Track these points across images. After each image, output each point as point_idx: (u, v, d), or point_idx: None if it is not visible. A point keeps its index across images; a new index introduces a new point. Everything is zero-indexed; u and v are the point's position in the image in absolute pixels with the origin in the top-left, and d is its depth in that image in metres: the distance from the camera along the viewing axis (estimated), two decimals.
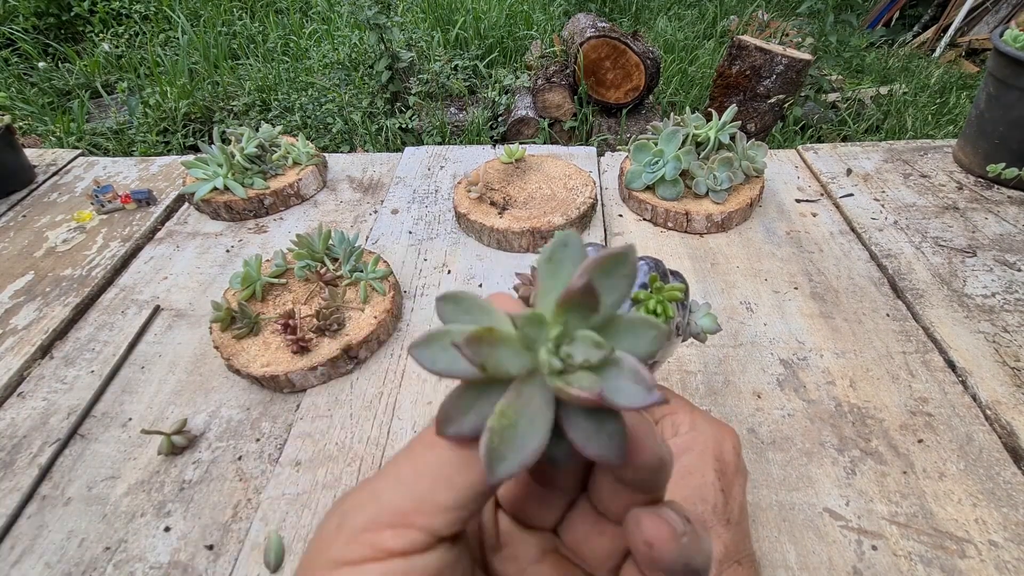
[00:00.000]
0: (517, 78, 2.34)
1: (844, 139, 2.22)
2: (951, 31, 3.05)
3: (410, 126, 2.17)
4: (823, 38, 2.19)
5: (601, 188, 0.84)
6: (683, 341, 0.38)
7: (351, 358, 0.57)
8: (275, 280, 0.63)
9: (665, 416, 0.36)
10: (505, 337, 0.15)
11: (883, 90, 2.44)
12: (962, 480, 0.46)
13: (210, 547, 0.44)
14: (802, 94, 2.13)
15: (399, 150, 1.04)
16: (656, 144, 0.76)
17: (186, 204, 0.85)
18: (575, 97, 2.21)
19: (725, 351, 0.58)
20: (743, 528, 0.32)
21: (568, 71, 2.22)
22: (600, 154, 0.92)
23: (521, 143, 1.64)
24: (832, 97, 2.35)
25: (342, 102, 2.28)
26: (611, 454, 0.15)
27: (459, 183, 0.79)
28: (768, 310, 0.63)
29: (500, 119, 2.24)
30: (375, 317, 0.59)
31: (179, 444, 0.50)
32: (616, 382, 0.14)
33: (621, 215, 0.79)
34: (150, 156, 0.97)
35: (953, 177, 0.83)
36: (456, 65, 2.52)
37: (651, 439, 0.16)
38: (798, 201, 0.80)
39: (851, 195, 0.80)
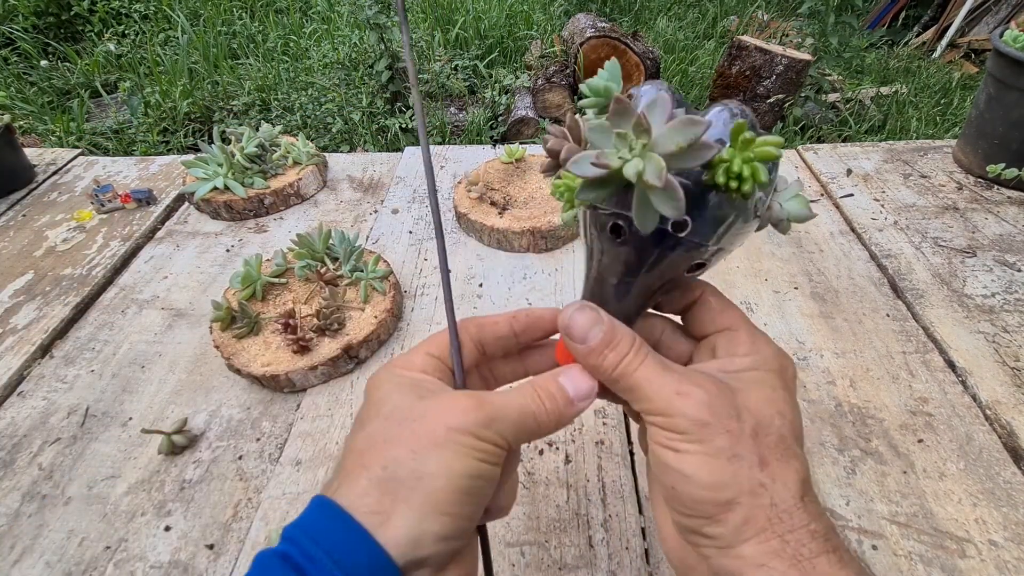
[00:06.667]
0: (517, 78, 2.34)
1: (845, 140, 2.22)
2: (951, 32, 3.05)
3: (410, 126, 2.17)
4: (823, 39, 2.19)
5: None
6: (759, 228, 0.29)
7: (351, 358, 0.57)
8: (275, 280, 0.63)
9: (722, 332, 0.31)
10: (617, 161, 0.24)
11: (884, 90, 2.44)
12: (962, 480, 0.46)
13: (210, 546, 0.44)
14: (802, 94, 2.13)
15: (399, 150, 1.04)
16: None
17: (186, 204, 0.85)
18: (575, 97, 2.21)
19: None
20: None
21: (568, 71, 2.22)
22: None
23: (521, 143, 1.64)
24: (832, 97, 2.35)
25: (342, 102, 2.28)
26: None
27: (459, 183, 0.79)
28: (768, 310, 0.63)
29: (500, 119, 2.24)
30: (375, 317, 0.59)
31: (179, 444, 0.50)
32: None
33: None
34: (150, 156, 0.97)
35: (953, 177, 0.83)
36: (456, 65, 2.52)
37: None
38: None
39: (851, 195, 0.80)
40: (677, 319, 0.33)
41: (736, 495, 0.25)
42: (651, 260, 0.27)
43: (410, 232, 0.77)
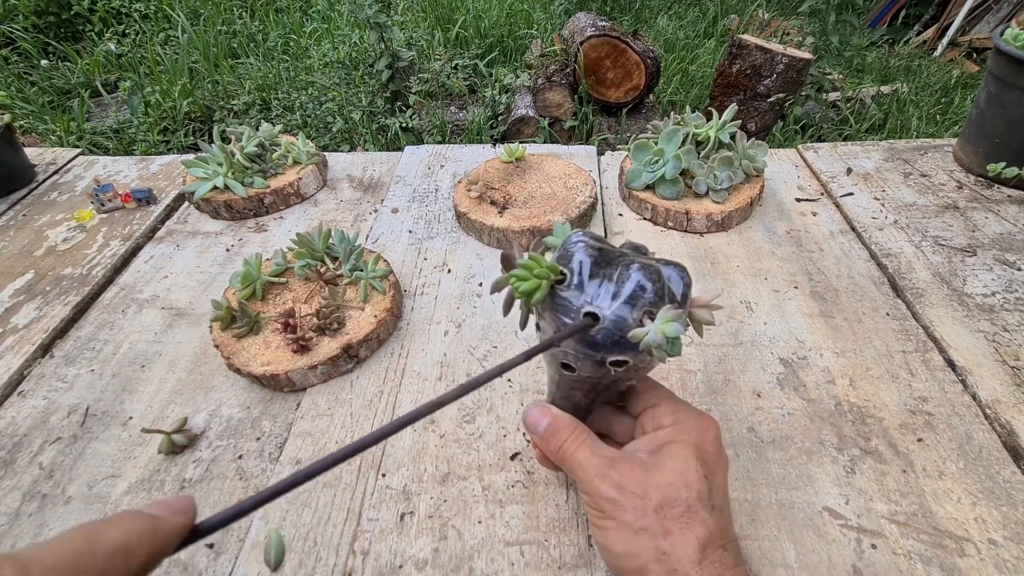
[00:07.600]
0: (517, 77, 2.33)
1: (845, 139, 2.22)
2: (952, 30, 3.05)
3: (410, 125, 2.17)
4: (824, 37, 2.19)
5: (601, 187, 0.84)
6: (648, 354, 0.30)
7: (351, 357, 0.57)
8: (275, 279, 0.63)
9: (646, 410, 0.36)
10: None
11: (884, 89, 2.44)
12: (961, 479, 0.46)
13: (210, 545, 0.44)
14: (802, 93, 2.13)
15: (399, 149, 1.04)
16: (656, 143, 0.76)
17: (186, 203, 0.85)
18: (575, 96, 2.21)
19: (725, 350, 0.58)
20: (726, 515, 0.33)
21: (568, 70, 2.22)
22: (600, 153, 0.92)
23: (521, 142, 1.64)
24: (832, 96, 2.35)
25: (342, 101, 2.28)
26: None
27: (459, 182, 0.79)
28: (768, 309, 0.63)
29: (500, 118, 2.24)
30: (375, 316, 0.59)
31: (179, 443, 0.51)
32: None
33: (621, 214, 0.79)
34: (150, 155, 0.97)
35: (953, 176, 0.83)
36: (456, 64, 2.52)
37: None
38: (798, 200, 0.80)
39: (851, 194, 0.80)
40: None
41: (646, 562, 0.30)
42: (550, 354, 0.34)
43: (410, 232, 0.77)
